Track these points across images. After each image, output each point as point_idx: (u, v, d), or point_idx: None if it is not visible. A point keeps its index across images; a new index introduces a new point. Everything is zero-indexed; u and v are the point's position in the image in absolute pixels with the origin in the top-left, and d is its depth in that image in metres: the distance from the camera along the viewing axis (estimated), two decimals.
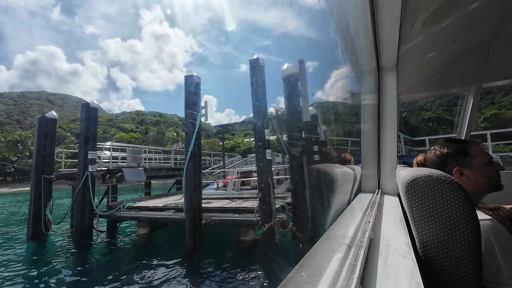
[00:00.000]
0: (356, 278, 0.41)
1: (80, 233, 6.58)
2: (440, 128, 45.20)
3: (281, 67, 5.44)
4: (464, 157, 0.88)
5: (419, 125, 48.29)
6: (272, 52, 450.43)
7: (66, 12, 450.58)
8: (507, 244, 0.65)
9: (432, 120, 48.09)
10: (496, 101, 47.93)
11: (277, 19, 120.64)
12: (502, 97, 47.58)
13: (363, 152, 1.45)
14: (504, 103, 46.30)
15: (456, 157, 0.89)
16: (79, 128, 7.59)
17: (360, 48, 1.30)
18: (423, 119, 49.49)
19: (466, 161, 0.88)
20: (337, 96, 1.46)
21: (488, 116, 39.99)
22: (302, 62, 1.05)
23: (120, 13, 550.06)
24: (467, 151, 0.89)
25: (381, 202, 1.16)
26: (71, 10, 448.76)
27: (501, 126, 37.48)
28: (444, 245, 0.55)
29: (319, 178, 0.84)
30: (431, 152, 0.98)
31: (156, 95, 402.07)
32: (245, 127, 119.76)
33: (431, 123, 47.35)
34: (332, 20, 1.04)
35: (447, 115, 48.62)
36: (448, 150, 0.92)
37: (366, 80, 1.44)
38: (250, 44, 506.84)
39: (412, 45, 1.63)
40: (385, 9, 0.98)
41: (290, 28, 16.28)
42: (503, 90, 46.74)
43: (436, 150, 0.96)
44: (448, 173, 0.85)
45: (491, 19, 1.84)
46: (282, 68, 5.33)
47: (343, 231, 0.64)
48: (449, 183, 0.56)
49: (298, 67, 4.86)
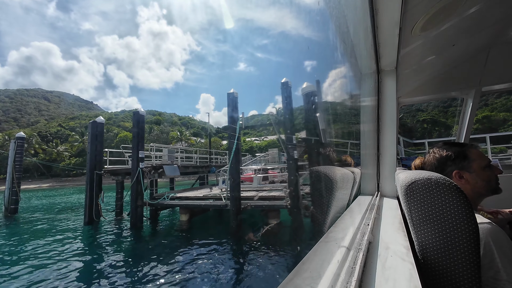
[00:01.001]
0: (354, 281, 0.41)
1: (135, 217, 7.92)
2: (434, 129, 47.03)
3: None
4: (463, 160, 0.88)
5: (414, 127, 50.37)
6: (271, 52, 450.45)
7: (62, 8, 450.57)
8: (506, 248, 0.65)
9: (427, 122, 50.24)
10: (490, 102, 48.94)
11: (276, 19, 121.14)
12: (495, 99, 48.77)
13: (363, 154, 1.46)
14: (497, 105, 47.41)
15: (455, 160, 0.89)
16: (78, 126, 8.25)
17: (360, 51, 1.31)
18: (418, 121, 51.59)
19: (465, 164, 0.88)
20: (336, 98, 1.46)
21: (480, 118, 40.70)
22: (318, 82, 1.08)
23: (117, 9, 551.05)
24: (466, 154, 0.89)
25: (380, 204, 1.15)
26: (67, 6, 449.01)
27: (492, 128, 38.02)
28: (442, 248, 0.55)
29: (318, 180, 0.84)
30: (430, 155, 0.98)
31: (153, 93, 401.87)
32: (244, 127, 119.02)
33: (426, 124, 49.50)
34: (332, 23, 1.04)
35: (441, 117, 50.89)
36: (448, 153, 0.92)
37: (366, 82, 1.45)
38: (249, 43, 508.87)
39: (411, 48, 1.64)
40: (385, 13, 0.99)
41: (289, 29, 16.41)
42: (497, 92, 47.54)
43: (435, 153, 0.96)
44: (447, 176, 0.85)
45: (490, 24, 1.85)
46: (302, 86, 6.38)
47: (342, 233, 0.64)
48: (448, 186, 0.56)
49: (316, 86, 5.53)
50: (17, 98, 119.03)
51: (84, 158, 45.50)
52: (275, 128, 9.61)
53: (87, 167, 9.02)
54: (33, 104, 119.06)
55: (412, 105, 60.52)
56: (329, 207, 0.77)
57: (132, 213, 8.03)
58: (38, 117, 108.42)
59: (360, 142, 1.47)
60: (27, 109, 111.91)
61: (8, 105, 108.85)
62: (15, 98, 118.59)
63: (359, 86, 1.46)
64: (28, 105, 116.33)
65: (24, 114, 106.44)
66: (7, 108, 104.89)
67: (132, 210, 8.05)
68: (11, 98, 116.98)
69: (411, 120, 52.82)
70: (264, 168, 11.87)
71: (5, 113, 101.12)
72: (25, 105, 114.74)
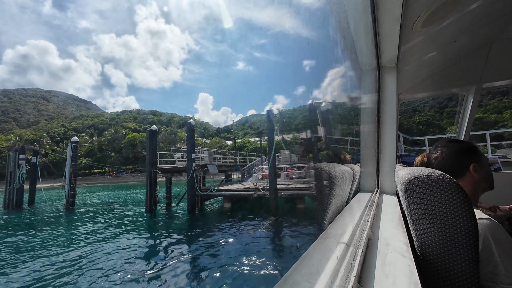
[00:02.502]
0: (354, 277, 0.41)
1: (191, 204, 10.32)
2: (429, 130, 49.89)
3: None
4: (479, 155, 0.89)
5: (410, 127, 54.20)
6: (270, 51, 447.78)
7: (58, 6, 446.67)
8: (505, 243, 0.65)
9: (422, 123, 54.91)
10: (484, 104, 49.85)
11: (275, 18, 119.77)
12: (489, 100, 50.15)
13: (363, 151, 1.45)
14: (490, 107, 48.49)
15: (472, 154, 0.89)
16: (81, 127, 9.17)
17: (360, 47, 1.30)
18: (414, 123, 55.89)
19: (480, 159, 0.88)
20: (336, 96, 1.46)
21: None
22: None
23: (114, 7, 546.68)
24: (478, 149, 0.90)
25: (380, 201, 1.16)
26: (63, 4, 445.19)
27: (484, 129, 39.00)
28: (442, 244, 0.55)
29: (318, 177, 0.84)
30: (438, 150, 0.96)
31: (151, 92, 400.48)
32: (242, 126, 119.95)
33: (421, 126, 53.98)
34: (332, 19, 1.03)
35: (436, 119, 55.98)
36: (465, 145, 0.92)
37: (366, 79, 1.44)
38: (247, 42, 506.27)
39: (412, 44, 1.63)
40: (386, 8, 0.98)
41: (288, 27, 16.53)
42: (491, 93, 48.92)
43: (448, 147, 0.94)
44: (462, 170, 0.86)
45: (492, 20, 1.84)
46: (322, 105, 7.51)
47: (341, 230, 0.64)
48: (448, 183, 0.56)
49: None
50: (16, 98, 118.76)
51: (93, 158, 46.40)
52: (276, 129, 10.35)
53: (147, 167, 11.05)
54: (32, 104, 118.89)
55: (409, 105, 62.45)
56: (328, 204, 0.77)
57: (188, 201, 10.37)
58: (38, 117, 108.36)
59: (360, 139, 1.46)
60: (26, 109, 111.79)
61: (7, 105, 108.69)
62: (14, 98, 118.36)
63: (359, 82, 1.45)
64: (27, 105, 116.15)
65: (24, 114, 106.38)
66: (6, 108, 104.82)
67: (189, 199, 10.38)
68: (9, 98, 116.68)
69: (407, 122, 56.72)
70: (287, 167, 14.45)
71: (4, 113, 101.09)
72: (24, 105, 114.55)
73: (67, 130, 69.51)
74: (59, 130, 68.64)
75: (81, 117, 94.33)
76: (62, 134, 65.76)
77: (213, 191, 10.76)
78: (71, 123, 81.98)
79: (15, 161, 13.96)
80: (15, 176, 13.72)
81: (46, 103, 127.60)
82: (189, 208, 10.31)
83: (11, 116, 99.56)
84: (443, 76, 2.75)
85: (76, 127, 75.12)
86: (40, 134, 54.07)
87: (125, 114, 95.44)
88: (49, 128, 78.27)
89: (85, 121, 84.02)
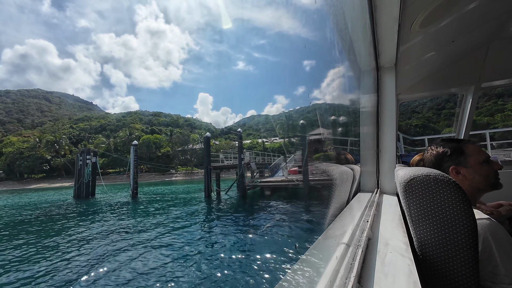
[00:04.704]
0: (353, 277, 0.41)
1: (242, 191, 13.99)
2: (425, 132, 52.23)
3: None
4: (460, 156, 0.89)
5: (408, 129, 57.49)
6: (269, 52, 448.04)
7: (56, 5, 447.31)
8: (505, 243, 0.65)
9: (419, 126, 58.72)
10: (480, 106, 51.16)
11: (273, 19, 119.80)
12: (485, 102, 51.47)
13: (362, 151, 1.45)
14: (484, 109, 49.41)
15: (452, 156, 0.90)
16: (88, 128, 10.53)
17: (358, 47, 1.30)
18: (411, 125, 59.47)
19: (461, 160, 0.88)
20: (335, 96, 1.46)
21: None
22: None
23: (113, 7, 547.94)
24: (463, 149, 0.89)
25: (379, 201, 1.16)
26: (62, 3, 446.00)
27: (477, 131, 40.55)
28: (441, 244, 0.55)
29: (319, 177, 0.84)
30: (428, 152, 0.99)
31: (151, 92, 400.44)
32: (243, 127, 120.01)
33: (418, 128, 57.67)
34: (330, 20, 1.04)
35: (432, 122, 59.63)
36: (444, 149, 0.92)
37: (365, 79, 1.44)
38: (246, 42, 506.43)
39: (411, 44, 1.63)
40: (384, 9, 0.98)
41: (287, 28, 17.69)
42: (487, 95, 49.85)
43: (432, 149, 0.97)
44: (445, 172, 0.85)
45: (490, 20, 1.84)
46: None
47: (341, 230, 0.64)
48: (447, 183, 0.56)
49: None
50: (19, 99, 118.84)
51: (109, 158, 47.72)
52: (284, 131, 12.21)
53: (205, 165, 14.43)
54: (35, 105, 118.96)
55: (408, 105, 63.68)
56: (329, 205, 0.77)
57: (240, 189, 14.26)
58: (42, 118, 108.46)
59: (360, 140, 1.46)
60: (29, 110, 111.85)
61: (10, 106, 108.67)
62: (17, 99, 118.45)
63: (358, 83, 1.45)
64: (30, 106, 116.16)
65: (27, 115, 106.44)
66: (10, 109, 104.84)
67: (240, 188, 14.17)
68: (12, 99, 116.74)
69: (405, 123, 60.05)
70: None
71: (8, 114, 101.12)
72: (27, 106, 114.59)
73: (76, 131, 70.69)
74: (73, 132, 69.84)
75: (85, 118, 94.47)
76: (76, 136, 67.00)
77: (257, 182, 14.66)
78: (78, 124, 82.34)
79: (83, 161, 17.64)
80: (83, 172, 17.51)
81: (49, 104, 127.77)
82: (241, 194, 14.28)
83: (15, 117, 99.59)
84: (442, 76, 2.76)
85: (84, 128, 75.67)
86: (59, 136, 55.50)
87: (131, 116, 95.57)
88: (55, 129, 78.88)
89: (92, 122, 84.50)
